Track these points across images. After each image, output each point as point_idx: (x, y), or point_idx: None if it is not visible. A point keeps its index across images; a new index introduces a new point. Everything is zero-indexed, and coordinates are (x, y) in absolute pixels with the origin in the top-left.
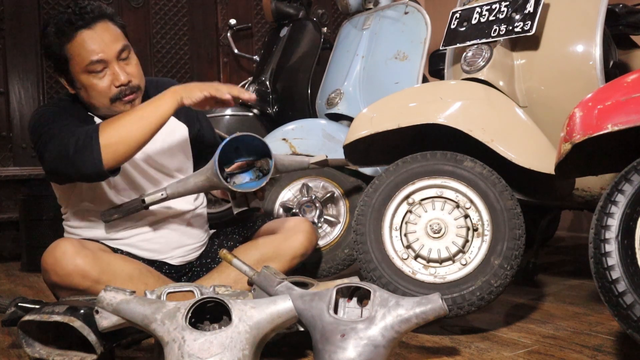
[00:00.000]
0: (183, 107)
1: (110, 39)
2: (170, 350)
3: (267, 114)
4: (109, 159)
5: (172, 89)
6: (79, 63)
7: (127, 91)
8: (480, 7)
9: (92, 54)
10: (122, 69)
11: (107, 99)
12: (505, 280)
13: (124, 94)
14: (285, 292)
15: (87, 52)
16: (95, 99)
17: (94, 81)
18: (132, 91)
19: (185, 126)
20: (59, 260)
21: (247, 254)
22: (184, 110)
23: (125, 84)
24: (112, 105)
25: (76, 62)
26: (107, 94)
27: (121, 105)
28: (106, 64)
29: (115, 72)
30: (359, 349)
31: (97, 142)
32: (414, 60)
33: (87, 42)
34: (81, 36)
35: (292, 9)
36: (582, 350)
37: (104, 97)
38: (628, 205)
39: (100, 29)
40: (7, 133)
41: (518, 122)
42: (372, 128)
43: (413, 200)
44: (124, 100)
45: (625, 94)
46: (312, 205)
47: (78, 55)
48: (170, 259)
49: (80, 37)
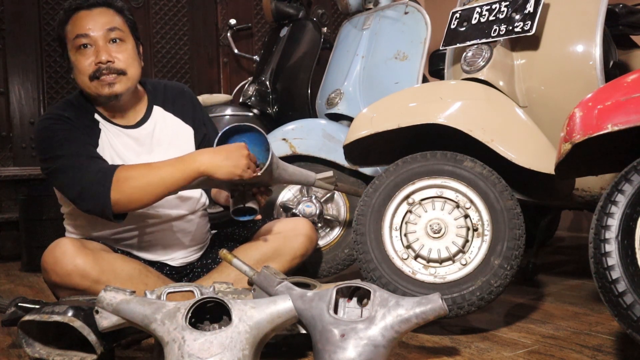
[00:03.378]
0: (190, 111)
1: (103, 21)
2: (170, 350)
3: (267, 114)
4: (118, 209)
5: (205, 159)
6: (70, 40)
7: (104, 71)
8: (480, 7)
9: (80, 29)
10: (108, 49)
11: (87, 77)
12: (505, 280)
13: (101, 72)
14: (285, 292)
15: (76, 27)
16: (78, 78)
17: (79, 58)
18: (112, 72)
19: (192, 129)
20: (59, 260)
21: (247, 254)
22: (191, 114)
23: (104, 62)
24: (91, 84)
25: (68, 39)
26: (86, 72)
27: (99, 85)
28: (92, 42)
29: (98, 50)
30: (359, 349)
31: (108, 192)
32: (414, 60)
33: (79, 19)
34: (78, 15)
35: (292, 9)
36: (582, 350)
37: (84, 76)
38: (628, 205)
39: (97, 12)
40: (7, 133)
41: (518, 122)
42: (372, 128)
43: (413, 200)
44: (102, 80)
45: (625, 94)
46: (312, 205)
47: (70, 32)
48: (171, 260)
49: (77, 15)
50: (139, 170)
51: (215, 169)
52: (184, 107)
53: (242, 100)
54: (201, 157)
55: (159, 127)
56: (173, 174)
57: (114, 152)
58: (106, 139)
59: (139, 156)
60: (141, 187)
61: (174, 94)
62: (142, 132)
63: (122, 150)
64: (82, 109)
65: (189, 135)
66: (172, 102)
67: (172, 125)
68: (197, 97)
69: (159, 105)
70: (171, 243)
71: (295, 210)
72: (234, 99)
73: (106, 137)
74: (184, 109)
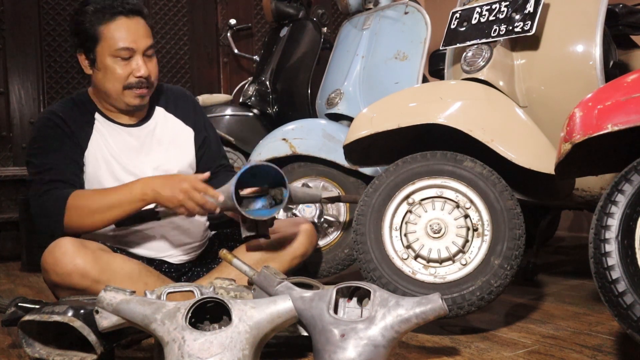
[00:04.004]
0: (192, 113)
1: (143, 33)
2: (170, 350)
3: (267, 114)
4: (70, 232)
5: (147, 186)
6: (109, 45)
7: (142, 84)
8: (480, 7)
9: (125, 41)
10: (146, 64)
11: (121, 85)
12: (505, 280)
13: (139, 86)
14: (285, 292)
15: (121, 37)
16: (110, 83)
17: (116, 66)
18: (146, 86)
19: (192, 130)
20: (58, 260)
21: (247, 254)
22: (192, 116)
23: (144, 77)
24: (123, 92)
25: (107, 43)
26: (122, 80)
27: (130, 95)
28: (132, 54)
29: (139, 63)
30: (359, 349)
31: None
32: (414, 60)
33: (122, 28)
34: (119, 21)
35: (292, 9)
36: (582, 350)
37: (118, 83)
38: (628, 205)
39: (136, 21)
40: (7, 133)
41: (518, 122)
42: (372, 128)
43: (413, 200)
44: (135, 92)
45: (625, 94)
46: (312, 205)
47: (111, 38)
48: (169, 257)
49: (118, 21)
50: (88, 198)
51: (156, 198)
52: (185, 109)
53: (242, 100)
54: (146, 184)
55: (160, 126)
56: (120, 200)
57: (107, 153)
58: (100, 139)
59: (138, 154)
60: (89, 214)
61: (176, 97)
62: (143, 131)
63: (119, 149)
64: (82, 108)
65: (189, 136)
66: (174, 104)
67: (173, 126)
68: (198, 98)
69: (161, 106)
70: (169, 240)
71: (296, 211)
72: (234, 99)
73: (101, 137)
74: (184, 111)
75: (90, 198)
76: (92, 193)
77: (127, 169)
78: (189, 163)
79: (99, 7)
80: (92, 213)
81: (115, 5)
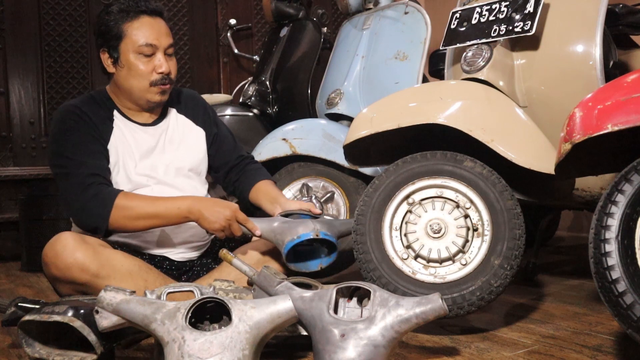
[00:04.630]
0: (201, 114)
1: (165, 32)
2: (170, 350)
3: (267, 114)
4: (113, 228)
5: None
6: (132, 42)
7: (165, 80)
8: (480, 7)
9: (148, 38)
10: (167, 61)
11: (147, 81)
12: (505, 280)
13: (162, 82)
14: (285, 292)
15: (144, 34)
16: (134, 79)
17: (139, 63)
18: (169, 82)
19: (202, 130)
20: (59, 254)
21: (247, 254)
22: (201, 116)
23: (167, 73)
24: (149, 89)
25: (130, 40)
26: (148, 77)
27: (155, 92)
28: (155, 51)
29: (161, 61)
30: (359, 349)
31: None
32: (414, 60)
33: (146, 26)
34: (143, 19)
35: (292, 9)
36: (582, 350)
37: (144, 80)
38: (628, 205)
39: (158, 21)
40: (7, 133)
41: (518, 122)
42: (372, 128)
43: (413, 200)
44: (160, 88)
45: (625, 94)
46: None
47: (134, 35)
48: (171, 254)
49: (142, 19)
50: (136, 202)
51: (199, 218)
52: (195, 110)
53: (242, 100)
54: (193, 204)
55: (172, 127)
56: (166, 212)
57: (125, 149)
58: (120, 135)
59: (153, 153)
60: (135, 218)
61: (187, 98)
62: (157, 131)
63: (136, 146)
64: (101, 104)
65: (199, 135)
66: (185, 106)
67: (184, 126)
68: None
69: (174, 107)
70: (172, 237)
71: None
72: (234, 99)
73: (121, 133)
74: (195, 112)
75: (138, 203)
76: (140, 198)
77: (141, 167)
78: (199, 161)
79: (124, 7)
80: (137, 218)
81: (139, 4)
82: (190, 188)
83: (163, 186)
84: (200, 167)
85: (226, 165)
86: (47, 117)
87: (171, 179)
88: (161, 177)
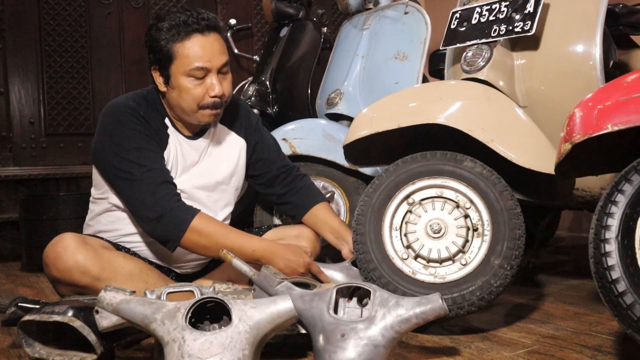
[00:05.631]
0: (243, 123)
1: (218, 50)
2: (170, 350)
3: (267, 114)
4: (184, 245)
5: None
6: (183, 64)
7: (218, 104)
8: (480, 7)
9: (199, 60)
10: (220, 82)
11: (197, 105)
12: (505, 280)
13: (214, 105)
14: (285, 292)
15: (195, 56)
16: (185, 102)
17: (191, 86)
18: (221, 106)
19: (244, 141)
20: (60, 255)
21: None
22: (244, 125)
23: (219, 96)
24: (199, 112)
25: (181, 62)
26: (198, 100)
27: (206, 114)
28: (207, 73)
29: (214, 83)
30: (359, 349)
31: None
32: (414, 60)
33: (197, 47)
34: (194, 39)
35: (292, 9)
36: (582, 350)
37: (194, 103)
38: (628, 205)
39: (212, 38)
40: (7, 133)
41: (518, 122)
42: (372, 128)
43: (413, 200)
44: (212, 112)
45: (625, 94)
46: None
47: (185, 57)
48: (178, 268)
49: (193, 39)
50: (212, 228)
51: (271, 263)
52: (237, 119)
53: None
54: (268, 250)
55: (214, 140)
56: (240, 249)
57: (175, 159)
58: (173, 146)
59: (193, 166)
60: (207, 245)
61: (229, 106)
62: (201, 144)
63: (183, 158)
64: (155, 110)
65: (241, 148)
66: (228, 115)
67: (226, 139)
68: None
69: None
70: (181, 256)
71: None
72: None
73: (173, 144)
74: (237, 122)
75: (214, 230)
76: (215, 225)
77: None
78: (230, 174)
79: (174, 24)
80: (209, 246)
81: (190, 22)
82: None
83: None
84: (232, 181)
85: (268, 174)
86: (47, 117)
87: (197, 193)
88: (189, 190)
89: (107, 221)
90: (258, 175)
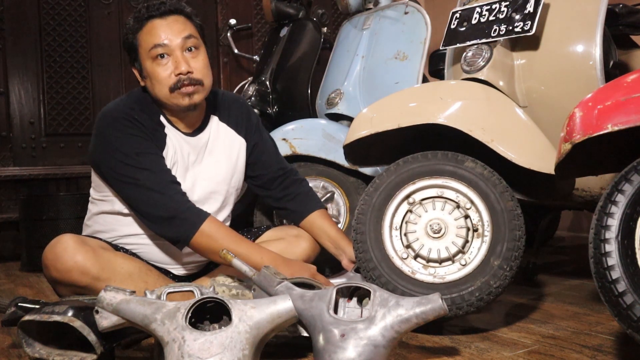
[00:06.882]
0: (244, 121)
1: (178, 29)
2: (170, 350)
3: (267, 114)
4: (192, 246)
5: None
6: (144, 49)
7: (185, 81)
8: (480, 7)
9: (156, 38)
10: (185, 59)
11: (168, 88)
12: (505, 281)
13: (182, 83)
14: (285, 292)
15: (152, 36)
16: (157, 89)
17: (157, 69)
18: (192, 83)
19: (244, 140)
20: (59, 256)
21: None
22: (244, 124)
23: (184, 73)
24: (171, 95)
25: (142, 48)
26: (167, 83)
27: (179, 96)
28: (169, 51)
29: (177, 60)
30: (359, 349)
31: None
32: (414, 60)
33: (154, 29)
34: (151, 23)
35: (292, 9)
36: (582, 350)
37: (164, 86)
38: (628, 205)
39: (171, 19)
40: (7, 133)
41: (518, 122)
42: (372, 128)
43: (413, 200)
44: (182, 92)
45: (625, 94)
46: None
47: (145, 41)
48: (177, 269)
49: (151, 24)
50: (222, 233)
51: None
52: (238, 118)
53: None
54: (274, 262)
55: (213, 137)
56: (246, 257)
57: (180, 156)
58: (171, 143)
59: (192, 164)
60: (215, 250)
61: (229, 104)
62: (199, 141)
63: (182, 157)
64: (149, 110)
65: (241, 146)
66: (228, 112)
67: (226, 137)
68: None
69: (216, 114)
70: (178, 256)
71: None
72: None
73: (171, 143)
74: (238, 120)
75: (224, 235)
76: (225, 231)
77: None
78: (231, 172)
79: (137, 17)
80: (217, 251)
81: (150, 9)
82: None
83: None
84: (232, 181)
85: (265, 176)
86: (47, 117)
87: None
88: (189, 189)
89: (105, 222)
90: (255, 176)
